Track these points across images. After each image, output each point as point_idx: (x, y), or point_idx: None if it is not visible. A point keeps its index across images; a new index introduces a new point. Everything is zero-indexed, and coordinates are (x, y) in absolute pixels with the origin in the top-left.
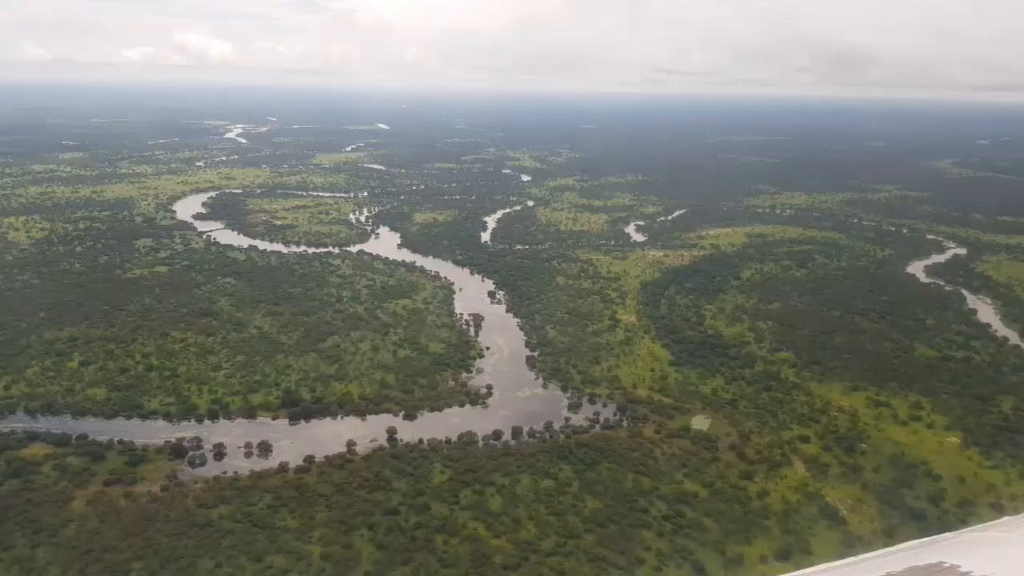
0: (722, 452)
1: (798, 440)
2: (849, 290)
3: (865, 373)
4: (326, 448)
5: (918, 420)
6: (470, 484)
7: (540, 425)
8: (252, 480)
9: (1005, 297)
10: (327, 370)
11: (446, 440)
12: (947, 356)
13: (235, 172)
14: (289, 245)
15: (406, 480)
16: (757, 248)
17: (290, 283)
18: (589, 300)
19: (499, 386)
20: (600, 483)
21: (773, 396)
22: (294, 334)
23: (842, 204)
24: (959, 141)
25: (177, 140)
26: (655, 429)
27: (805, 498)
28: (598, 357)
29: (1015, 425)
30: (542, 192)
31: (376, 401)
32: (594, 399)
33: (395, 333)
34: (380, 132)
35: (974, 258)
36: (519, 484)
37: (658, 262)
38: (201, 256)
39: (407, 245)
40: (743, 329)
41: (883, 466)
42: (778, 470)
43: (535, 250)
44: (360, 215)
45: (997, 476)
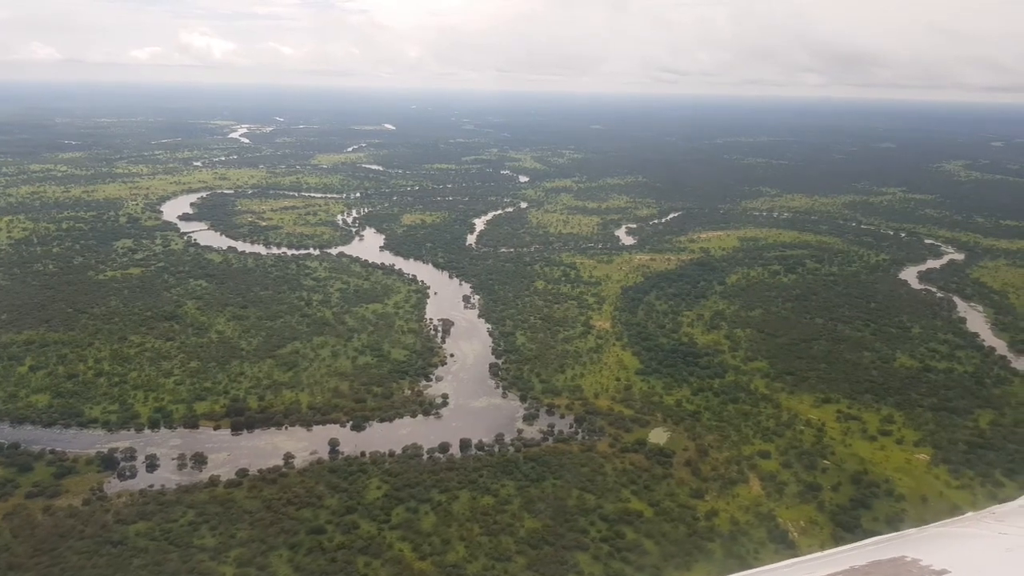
0: (676, 468)
1: (758, 456)
2: (836, 296)
3: (839, 384)
4: (263, 460)
5: (888, 435)
6: (405, 501)
7: (491, 437)
8: (178, 494)
9: (998, 305)
10: (280, 377)
11: (389, 453)
12: (928, 367)
13: (230, 172)
14: (270, 246)
15: (339, 496)
16: (747, 252)
17: (262, 286)
18: (565, 305)
19: (456, 395)
20: (542, 500)
21: (739, 408)
22: (255, 339)
23: (843, 207)
24: (972, 143)
25: (179, 140)
26: (610, 443)
27: (756, 519)
28: (564, 365)
29: (990, 441)
30: (538, 193)
31: (324, 411)
32: (552, 410)
33: (359, 339)
34: (384, 133)
35: (971, 263)
36: (457, 501)
37: (643, 266)
38: (177, 258)
39: (390, 247)
40: (719, 337)
41: (843, 484)
42: (732, 488)
43: (519, 253)
44: (348, 216)
45: (963, 497)
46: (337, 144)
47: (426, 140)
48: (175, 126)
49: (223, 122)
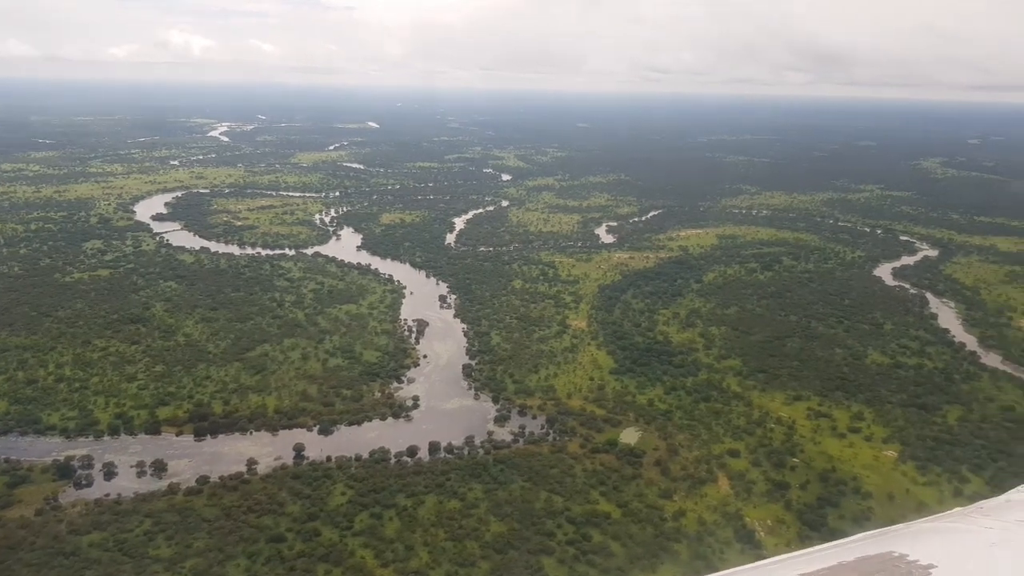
0: (646, 468)
1: (727, 454)
2: (810, 293)
3: (811, 381)
4: (225, 467)
5: (857, 432)
6: (369, 506)
7: (461, 440)
8: (135, 503)
9: (970, 301)
10: (248, 381)
11: (356, 458)
12: (899, 363)
13: (207, 171)
14: (244, 247)
15: (301, 503)
16: (725, 250)
17: (233, 287)
18: (542, 304)
19: (428, 397)
20: (510, 503)
21: (711, 407)
22: (223, 342)
23: (821, 204)
24: (949, 141)
25: (157, 139)
26: (581, 443)
27: (723, 518)
28: (538, 365)
29: (957, 437)
30: (519, 192)
31: (291, 415)
32: (524, 411)
33: (331, 341)
34: (368, 131)
35: (945, 260)
36: (422, 506)
37: (622, 264)
38: (148, 259)
39: (367, 247)
40: (694, 335)
41: (811, 483)
42: (701, 487)
43: (498, 252)
44: (326, 216)
45: (929, 494)
46: (319, 142)
47: (410, 138)
48: (153, 124)
49: (203, 120)
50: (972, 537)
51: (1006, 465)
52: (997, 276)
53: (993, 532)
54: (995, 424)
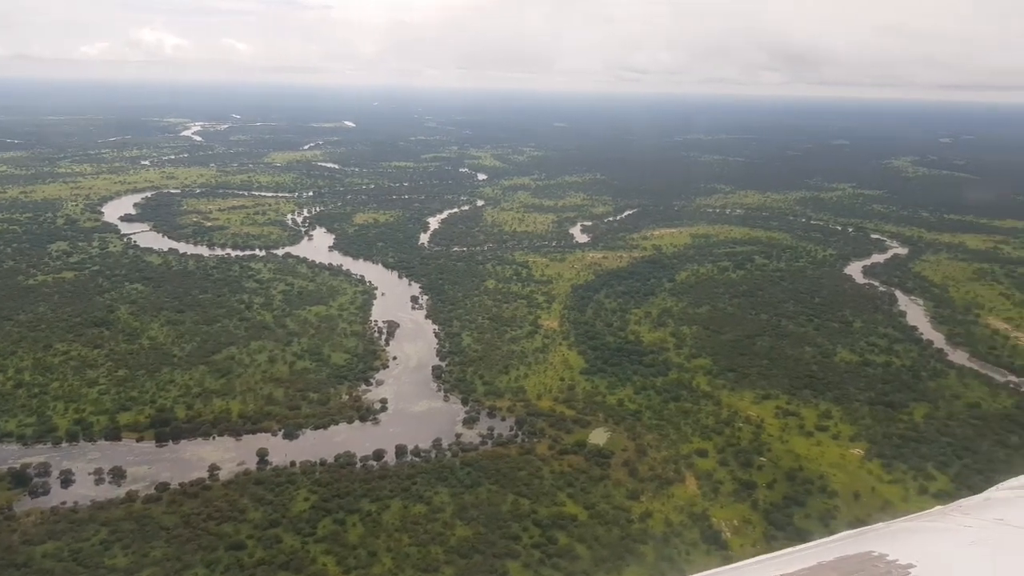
0: (614, 469)
1: (695, 454)
2: (781, 292)
3: (780, 380)
4: (186, 473)
5: (824, 431)
6: (333, 512)
7: (428, 443)
8: (91, 511)
9: (938, 298)
10: (212, 385)
11: (320, 462)
12: (867, 360)
13: (179, 171)
14: (214, 248)
15: (263, 509)
16: (699, 249)
17: (201, 289)
18: (515, 305)
19: (396, 400)
20: (476, 507)
21: (680, 406)
22: (188, 345)
23: (794, 203)
24: (921, 139)
25: (128, 138)
26: (550, 445)
27: (690, 519)
28: (508, 366)
29: (923, 435)
30: (495, 191)
31: (255, 419)
32: (494, 412)
33: (299, 343)
34: (343, 130)
35: (914, 257)
36: (387, 511)
37: (595, 264)
38: (115, 260)
39: (339, 247)
40: (665, 334)
41: (778, 482)
42: (668, 488)
43: (472, 252)
44: (299, 216)
45: (895, 492)
46: (294, 142)
47: (386, 138)
48: (125, 124)
49: (176, 120)
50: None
51: (971, 462)
52: (965, 273)
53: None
54: (961, 421)
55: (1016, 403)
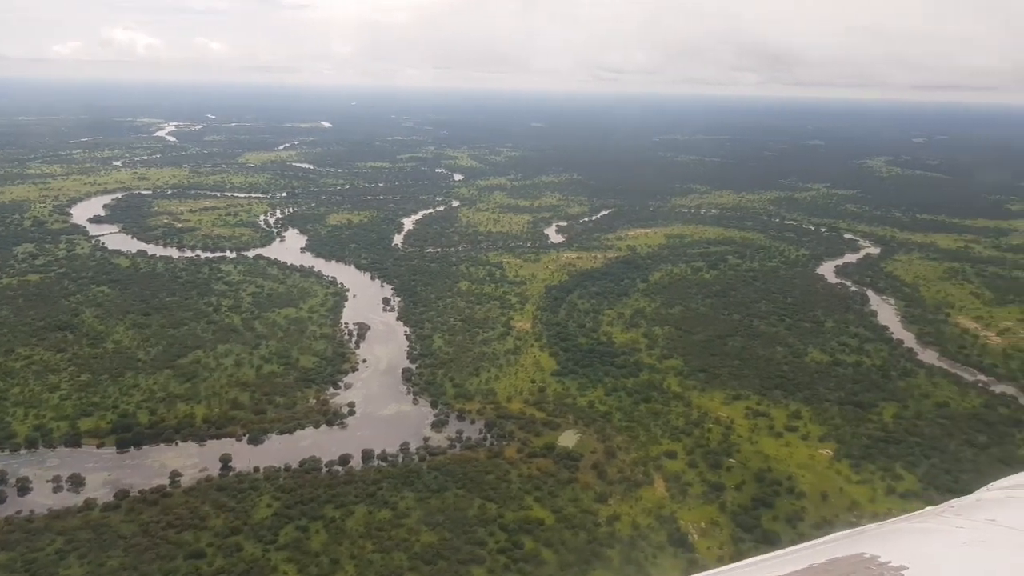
0: (582, 472)
1: (665, 456)
2: (754, 292)
3: (751, 380)
4: (147, 480)
5: (794, 431)
6: (295, 519)
7: (396, 447)
8: (48, 520)
9: (909, 298)
10: (177, 389)
11: (285, 467)
12: (838, 360)
13: (151, 172)
14: (184, 249)
15: (225, 516)
16: (673, 249)
17: (169, 291)
18: (487, 306)
19: (364, 403)
20: (442, 512)
21: (651, 408)
22: (154, 348)
23: (768, 203)
24: (895, 140)
25: (100, 139)
26: (518, 448)
27: (657, 522)
28: (479, 368)
29: (892, 434)
30: (471, 192)
31: (220, 424)
32: (463, 415)
33: (267, 346)
34: (320, 130)
35: (886, 257)
36: (352, 517)
37: (569, 265)
38: (82, 263)
39: (311, 248)
40: (638, 335)
41: (747, 483)
42: (636, 490)
43: (445, 253)
44: (271, 217)
45: (862, 492)
46: (269, 142)
47: (363, 138)
48: (97, 124)
49: (150, 120)
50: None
51: (938, 462)
52: (936, 273)
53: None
54: (929, 421)
55: (984, 402)
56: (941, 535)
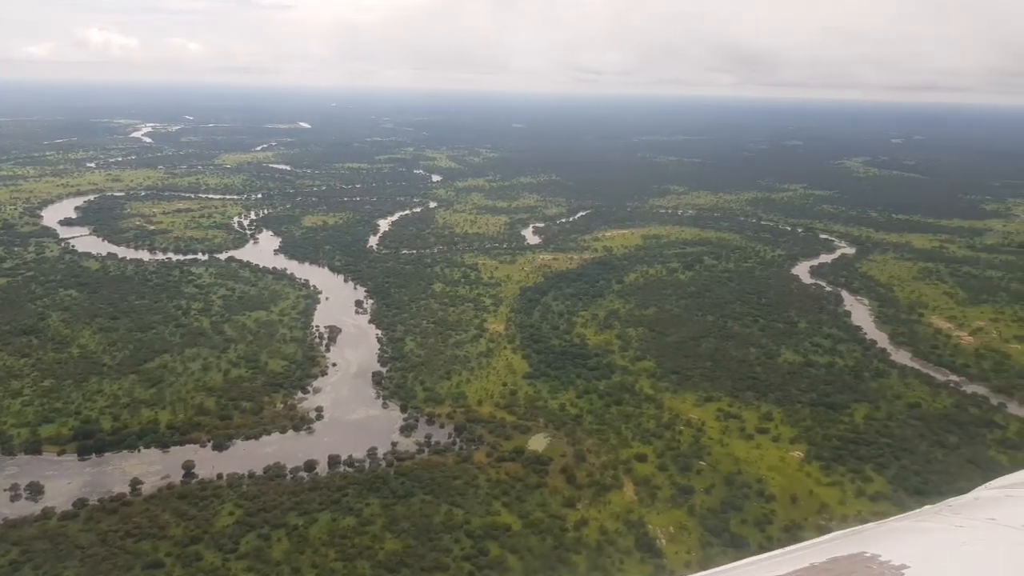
0: (551, 476)
1: (635, 459)
2: (729, 293)
3: (723, 382)
4: (107, 488)
5: (765, 433)
6: (257, 527)
7: (363, 452)
8: (3, 530)
9: (883, 298)
10: (142, 394)
11: (249, 474)
12: (810, 361)
13: (125, 174)
14: (155, 252)
15: (185, 524)
16: (649, 250)
17: (138, 294)
18: (461, 308)
19: (333, 408)
20: (408, 518)
21: (622, 410)
22: (120, 353)
23: (745, 204)
24: (873, 140)
25: (75, 140)
26: (488, 452)
27: (625, 527)
28: (450, 372)
29: (863, 436)
30: (448, 193)
31: (184, 430)
32: (433, 419)
33: (235, 350)
34: (298, 131)
35: (861, 257)
36: (315, 524)
37: (545, 266)
38: (50, 266)
39: (285, 250)
40: (611, 337)
41: (716, 486)
42: (605, 494)
43: (421, 255)
44: (245, 219)
45: (832, 494)
46: (246, 143)
47: (341, 139)
48: (73, 125)
49: (127, 121)
50: (943, 536)
51: (909, 463)
52: (911, 273)
53: (964, 531)
54: (900, 422)
55: (955, 403)
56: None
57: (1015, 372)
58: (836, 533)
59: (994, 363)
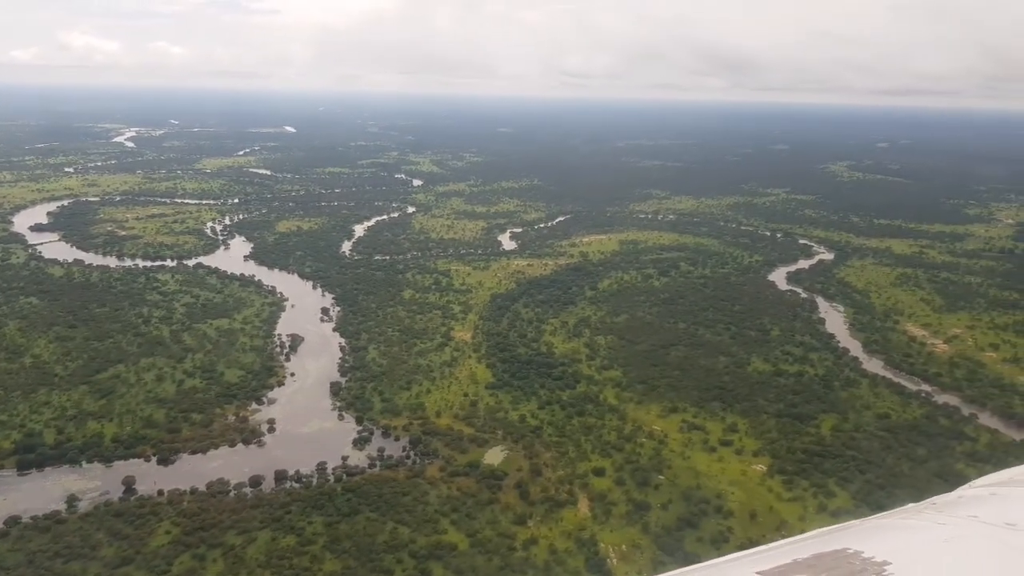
0: (505, 491)
1: (593, 473)
2: (703, 300)
3: (689, 392)
4: (43, 504)
5: (728, 445)
6: (193, 547)
7: (312, 467)
8: None
9: (859, 304)
10: (91, 406)
11: (191, 491)
12: (780, 371)
13: (102, 179)
14: (123, 258)
15: (118, 544)
16: (625, 256)
17: (99, 302)
18: (429, 316)
19: (286, 420)
20: (351, 538)
21: (584, 421)
22: (74, 363)
23: (727, 208)
24: (859, 144)
25: (56, 145)
26: (441, 466)
27: (576, 545)
28: (411, 382)
29: (829, 448)
30: (428, 198)
31: (129, 443)
32: (388, 432)
33: (192, 359)
34: (283, 135)
35: (840, 263)
36: (253, 544)
37: (519, 272)
38: (14, 273)
39: (256, 256)
40: (579, 345)
41: (674, 502)
42: (559, 511)
43: (393, 261)
44: (219, 224)
45: (792, 510)
46: (229, 147)
47: (325, 143)
48: (54, 130)
49: (111, 125)
50: (926, 533)
51: (873, 478)
52: (888, 279)
53: (946, 528)
54: (868, 434)
55: (925, 413)
56: (923, 531)
57: (988, 381)
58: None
59: (967, 372)
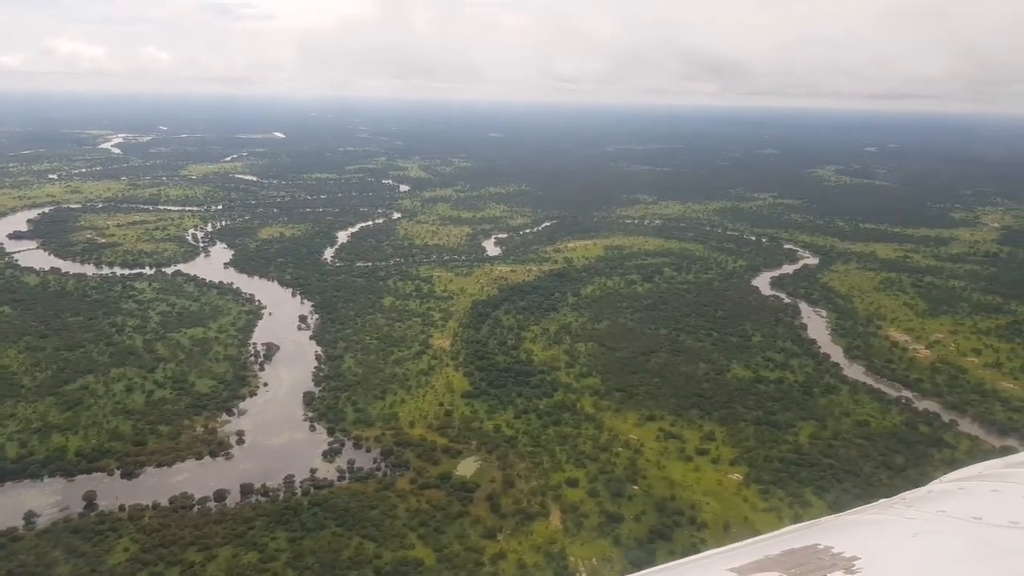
0: (476, 504)
1: (566, 484)
2: (685, 305)
3: (667, 400)
4: (0, 521)
5: (705, 454)
6: (151, 564)
7: (279, 480)
8: None
9: (842, 309)
10: (56, 418)
11: (153, 505)
12: (760, 377)
13: (85, 185)
14: (101, 266)
15: (75, 562)
16: (609, 262)
17: (73, 311)
18: (408, 323)
19: (256, 431)
20: (314, 554)
21: (560, 431)
22: (42, 374)
23: (713, 213)
24: (848, 148)
25: (42, 151)
26: (412, 478)
27: (545, 560)
28: (386, 391)
29: (806, 456)
30: (414, 203)
31: (93, 457)
32: (360, 443)
33: (163, 369)
34: (272, 141)
35: (824, 267)
36: (214, 561)
37: (501, 278)
38: None
39: (236, 264)
40: (559, 352)
41: (648, 513)
42: (530, 524)
43: (376, 267)
44: (201, 231)
45: (767, 521)
46: (216, 153)
47: (313, 149)
48: (40, 136)
49: (98, 131)
50: (895, 528)
51: (851, 486)
52: (872, 283)
53: (915, 523)
54: (846, 441)
55: (906, 420)
56: (893, 526)
57: (969, 387)
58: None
59: (949, 377)
